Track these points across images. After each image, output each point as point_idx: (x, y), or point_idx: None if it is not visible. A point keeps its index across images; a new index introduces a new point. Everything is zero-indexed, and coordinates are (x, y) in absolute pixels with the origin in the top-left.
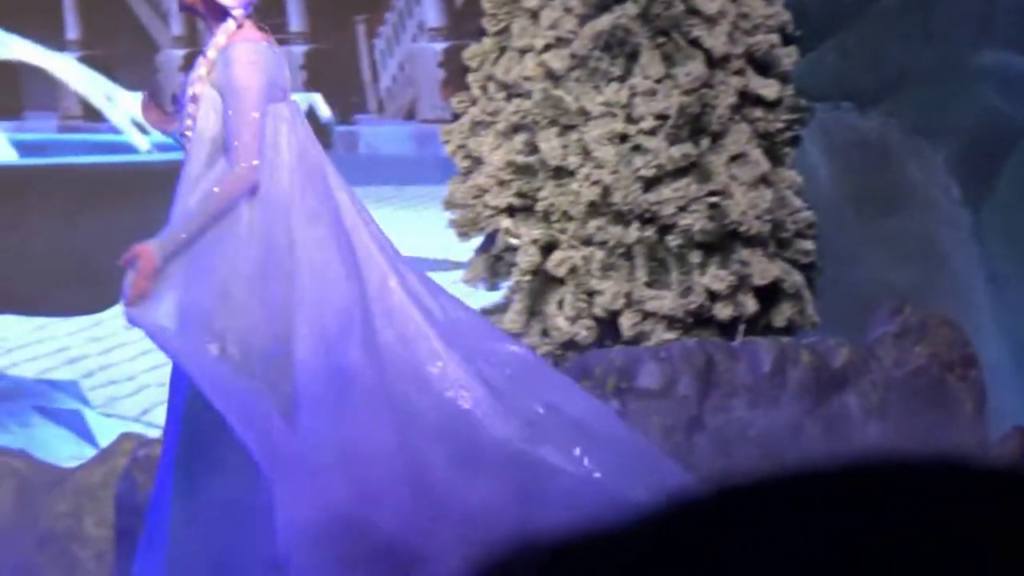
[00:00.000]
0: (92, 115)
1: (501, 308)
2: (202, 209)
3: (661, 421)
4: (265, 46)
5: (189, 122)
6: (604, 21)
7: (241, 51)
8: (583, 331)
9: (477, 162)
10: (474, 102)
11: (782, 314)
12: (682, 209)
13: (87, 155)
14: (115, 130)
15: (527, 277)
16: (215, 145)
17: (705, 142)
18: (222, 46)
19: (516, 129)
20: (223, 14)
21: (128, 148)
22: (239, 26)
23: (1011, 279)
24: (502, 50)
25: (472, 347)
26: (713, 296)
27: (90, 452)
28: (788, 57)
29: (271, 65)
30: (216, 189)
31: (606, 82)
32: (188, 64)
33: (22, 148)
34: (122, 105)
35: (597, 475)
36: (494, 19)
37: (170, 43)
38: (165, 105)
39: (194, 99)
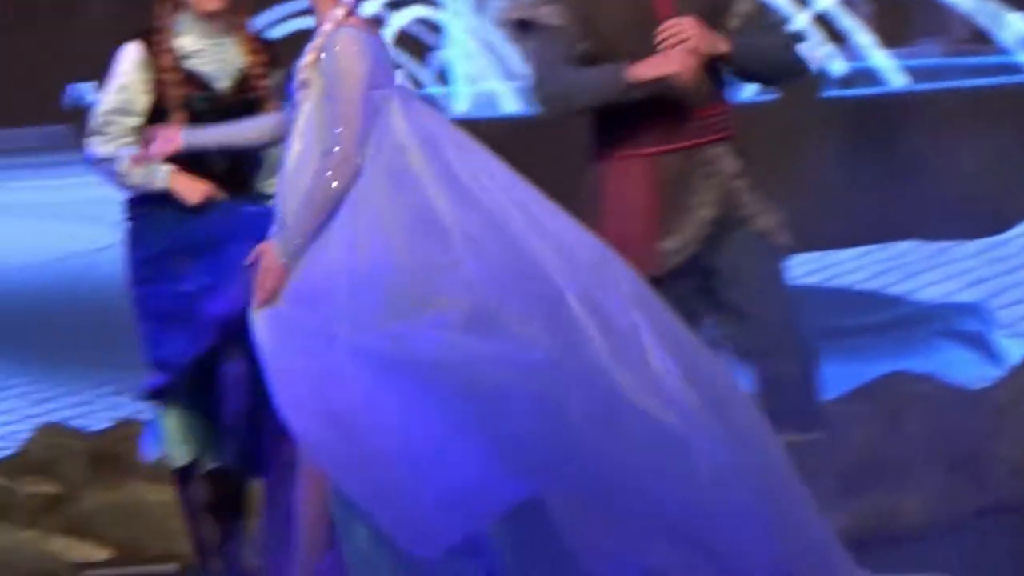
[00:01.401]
0: (980, 38)
1: None
2: (312, 200)
3: None
4: (367, 35)
5: (296, 95)
6: None
7: (345, 38)
8: None
9: None
10: None
11: None
12: None
13: (975, 78)
14: (1005, 51)
15: None
16: (322, 133)
17: None
18: (328, 33)
19: None
20: (334, 2)
21: (1017, 68)
22: (348, 14)
23: None
24: None
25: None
26: None
27: (997, 373)
28: None
29: (374, 53)
30: (325, 175)
31: None
32: None
33: (913, 74)
34: (1011, 26)
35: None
36: None
37: None
38: None
39: (304, 85)
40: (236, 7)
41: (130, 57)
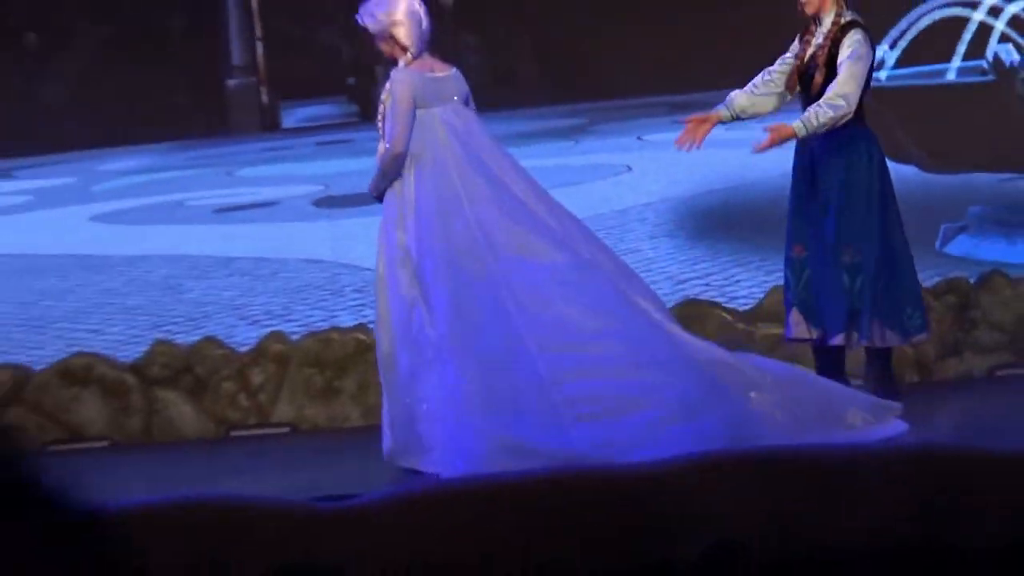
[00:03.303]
0: None
1: None
2: (382, 168)
3: None
4: (417, 72)
5: (380, 120)
6: None
7: (397, 74)
8: None
9: None
10: None
11: None
12: None
13: None
14: None
15: None
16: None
17: None
18: (393, 73)
19: None
20: (404, 50)
21: None
22: (414, 58)
23: None
24: None
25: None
26: None
27: None
28: None
29: (417, 84)
30: (387, 155)
31: None
32: None
33: None
34: None
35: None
36: None
37: None
38: None
39: (383, 103)
40: None
41: None
